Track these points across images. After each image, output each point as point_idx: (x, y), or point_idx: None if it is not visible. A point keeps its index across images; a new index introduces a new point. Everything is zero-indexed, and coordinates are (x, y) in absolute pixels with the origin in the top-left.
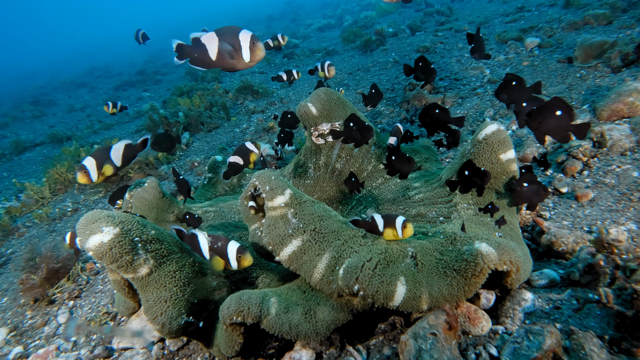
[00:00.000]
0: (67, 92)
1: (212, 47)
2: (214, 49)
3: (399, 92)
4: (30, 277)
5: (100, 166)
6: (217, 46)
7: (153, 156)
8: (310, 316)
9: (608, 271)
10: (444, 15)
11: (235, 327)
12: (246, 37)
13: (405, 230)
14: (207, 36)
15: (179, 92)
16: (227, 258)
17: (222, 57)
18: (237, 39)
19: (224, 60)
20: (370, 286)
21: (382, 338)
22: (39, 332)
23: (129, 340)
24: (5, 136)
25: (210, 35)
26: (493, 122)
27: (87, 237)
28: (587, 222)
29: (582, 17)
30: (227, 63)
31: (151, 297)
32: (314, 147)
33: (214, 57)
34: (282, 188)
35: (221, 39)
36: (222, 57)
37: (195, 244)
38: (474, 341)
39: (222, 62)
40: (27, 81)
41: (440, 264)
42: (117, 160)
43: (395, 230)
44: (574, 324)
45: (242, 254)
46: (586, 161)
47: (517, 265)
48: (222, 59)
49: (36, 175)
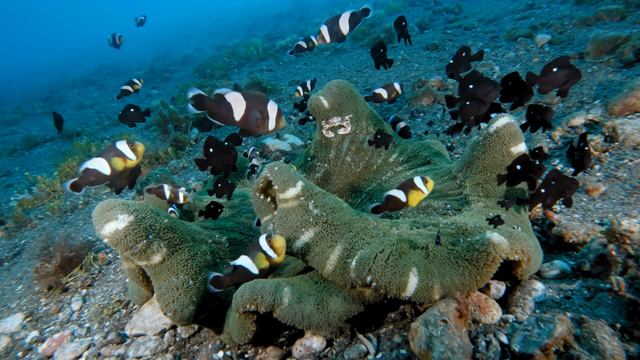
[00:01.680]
0: (77, 90)
1: (238, 109)
2: (240, 111)
3: (407, 89)
4: (44, 265)
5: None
6: (244, 110)
7: (163, 151)
8: (323, 307)
9: (620, 260)
10: (452, 13)
11: (248, 315)
12: (274, 109)
13: (428, 184)
14: (233, 97)
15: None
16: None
17: (247, 121)
18: (266, 109)
19: (249, 124)
20: (382, 277)
21: (392, 327)
22: (54, 318)
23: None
24: (17, 132)
25: (236, 96)
26: (504, 115)
27: (103, 224)
28: (599, 215)
29: (595, 13)
30: (251, 127)
31: (163, 285)
32: (324, 141)
33: (238, 119)
34: (294, 180)
35: (249, 105)
36: (248, 121)
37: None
38: (485, 329)
39: (246, 124)
40: (37, 79)
41: (452, 254)
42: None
43: (418, 190)
44: (585, 313)
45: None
46: (598, 155)
47: (529, 255)
48: (247, 123)
49: (47, 170)
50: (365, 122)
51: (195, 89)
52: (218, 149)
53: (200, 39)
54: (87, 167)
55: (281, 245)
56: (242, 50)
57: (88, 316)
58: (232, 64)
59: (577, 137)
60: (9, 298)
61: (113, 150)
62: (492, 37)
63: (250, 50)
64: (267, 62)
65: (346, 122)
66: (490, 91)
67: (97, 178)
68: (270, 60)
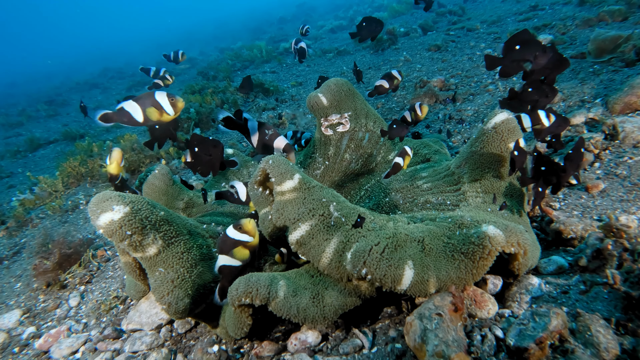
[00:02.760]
0: (81, 93)
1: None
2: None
3: (409, 89)
4: (43, 262)
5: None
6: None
7: (165, 151)
8: (318, 300)
9: (616, 254)
10: (456, 15)
11: (243, 308)
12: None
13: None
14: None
15: (190, 90)
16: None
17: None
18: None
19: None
20: (378, 270)
21: (388, 321)
22: (51, 315)
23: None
24: (21, 134)
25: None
26: (502, 111)
27: (98, 215)
28: (597, 212)
29: (597, 14)
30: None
31: (159, 277)
32: (324, 138)
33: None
34: (291, 173)
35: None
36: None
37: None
38: (480, 323)
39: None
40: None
41: (448, 247)
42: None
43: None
44: (581, 307)
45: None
46: (597, 153)
47: (525, 248)
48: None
49: (50, 171)
50: (365, 119)
51: (224, 112)
52: (203, 145)
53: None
54: (122, 107)
55: (253, 227)
56: (245, 53)
57: (85, 312)
58: (235, 66)
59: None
60: (8, 295)
61: (150, 99)
62: (494, 38)
63: (253, 53)
64: (270, 64)
65: (345, 119)
66: (539, 56)
67: (128, 121)
68: (273, 62)
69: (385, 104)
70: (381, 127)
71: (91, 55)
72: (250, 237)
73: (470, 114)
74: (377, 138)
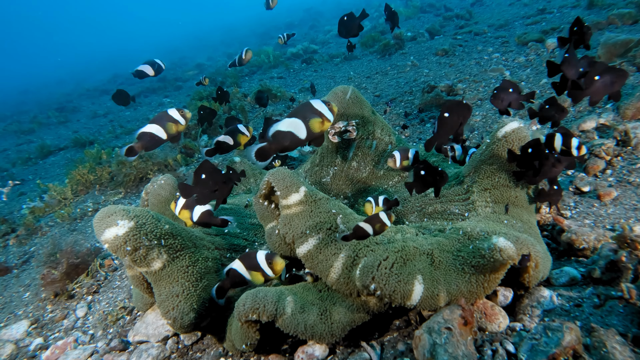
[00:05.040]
0: (91, 99)
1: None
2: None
3: (416, 94)
4: (51, 271)
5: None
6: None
7: (172, 158)
8: (326, 317)
9: (631, 267)
10: (463, 19)
11: (250, 324)
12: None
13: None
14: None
15: (198, 96)
16: (261, 269)
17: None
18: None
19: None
20: (387, 286)
21: (396, 334)
22: (59, 325)
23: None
24: (32, 141)
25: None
26: (513, 120)
27: (103, 230)
28: (610, 220)
29: (606, 17)
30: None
31: (164, 292)
32: (331, 146)
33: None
34: (297, 186)
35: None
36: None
37: (236, 274)
38: (491, 337)
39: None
40: (53, 88)
41: (458, 260)
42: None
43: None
44: (595, 321)
45: (272, 259)
46: (609, 160)
47: (536, 260)
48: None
49: (60, 178)
50: (372, 127)
51: (255, 146)
52: (213, 176)
53: (213, 47)
54: (143, 132)
55: (281, 269)
56: (253, 58)
57: (92, 323)
58: (243, 71)
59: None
60: (16, 305)
61: (166, 116)
62: (502, 42)
63: (261, 58)
64: (277, 69)
65: (352, 127)
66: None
67: (152, 141)
68: (280, 67)
69: (393, 109)
70: (389, 134)
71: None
72: (272, 274)
73: (478, 119)
74: (385, 145)
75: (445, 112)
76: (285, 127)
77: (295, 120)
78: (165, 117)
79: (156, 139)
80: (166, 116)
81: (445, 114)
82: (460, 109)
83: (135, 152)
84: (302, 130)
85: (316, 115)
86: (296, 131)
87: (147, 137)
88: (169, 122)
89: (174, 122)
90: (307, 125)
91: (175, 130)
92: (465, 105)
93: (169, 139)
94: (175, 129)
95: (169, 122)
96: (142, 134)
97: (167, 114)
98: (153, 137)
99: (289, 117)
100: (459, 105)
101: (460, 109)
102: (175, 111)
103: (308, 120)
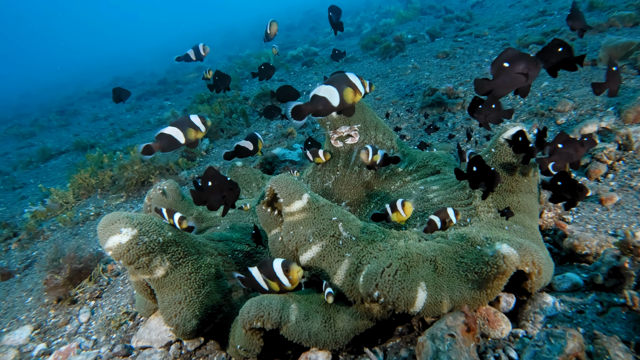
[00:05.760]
0: (92, 102)
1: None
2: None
3: (417, 97)
4: (54, 277)
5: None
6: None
7: (174, 162)
8: (330, 325)
9: (634, 274)
10: (463, 21)
11: (255, 331)
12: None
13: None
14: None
15: (199, 99)
16: (278, 279)
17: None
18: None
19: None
20: (390, 293)
21: (399, 340)
22: (62, 331)
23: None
24: (33, 144)
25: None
26: (515, 124)
27: (107, 237)
28: (612, 225)
29: (607, 19)
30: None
31: (166, 299)
32: (333, 150)
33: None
34: (300, 193)
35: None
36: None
37: (253, 280)
38: (493, 344)
39: (342, 105)
40: (54, 91)
41: (461, 267)
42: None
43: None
44: (598, 328)
45: (288, 267)
46: (611, 164)
47: (539, 267)
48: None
49: (61, 182)
50: (374, 131)
51: (292, 103)
52: (219, 184)
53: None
54: (163, 132)
55: (298, 277)
56: (253, 61)
57: (95, 328)
58: (243, 74)
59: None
60: (19, 310)
61: (188, 122)
62: (503, 44)
63: (261, 61)
64: (278, 72)
65: (354, 131)
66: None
67: (171, 143)
68: (281, 70)
69: (393, 112)
70: (390, 138)
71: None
72: (289, 283)
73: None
74: (387, 150)
75: (504, 61)
76: (321, 93)
77: (330, 88)
78: (187, 122)
79: (174, 142)
80: (188, 121)
81: (504, 63)
82: (527, 61)
83: (152, 152)
84: (335, 98)
85: (350, 86)
86: (330, 98)
87: (166, 139)
88: (189, 128)
89: (195, 128)
90: (340, 94)
91: (194, 136)
92: (533, 59)
93: (186, 143)
94: (194, 136)
95: (190, 127)
96: (162, 135)
97: (189, 120)
98: (172, 139)
99: (326, 84)
100: (524, 57)
101: (527, 62)
102: (197, 118)
103: (342, 90)
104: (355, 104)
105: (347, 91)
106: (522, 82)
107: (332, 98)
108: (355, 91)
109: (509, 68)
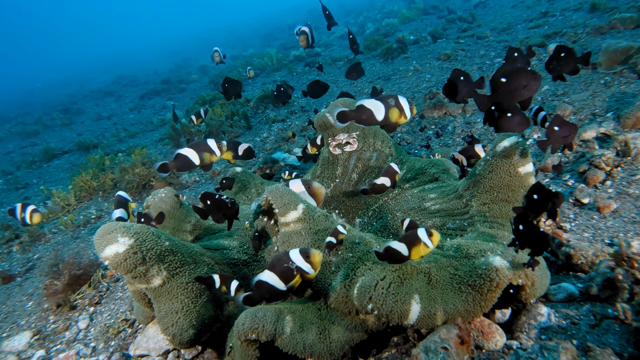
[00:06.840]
0: (95, 101)
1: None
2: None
3: (419, 100)
4: (53, 282)
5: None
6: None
7: None
8: (325, 336)
9: (627, 286)
10: (466, 22)
11: (250, 342)
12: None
13: (433, 237)
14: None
15: (201, 101)
16: (302, 270)
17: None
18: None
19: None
20: (384, 306)
21: (394, 351)
22: (61, 337)
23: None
24: (36, 144)
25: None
26: (512, 134)
27: (104, 247)
28: (609, 234)
29: (609, 21)
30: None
31: (163, 308)
32: (331, 158)
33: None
34: (295, 203)
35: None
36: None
37: (267, 286)
38: (488, 356)
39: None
40: (57, 89)
41: (455, 279)
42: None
43: (422, 245)
44: (592, 341)
45: (308, 253)
46: (609, 171)
47: (533, 279)
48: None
49: (64, 182)
50: (372, 139)
51: (339, 108)
52: (217, 205)
53: None
54: (179, 153)
55: (319, 261)
56: (256, 61)
57: (94, 335)
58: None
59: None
60: (19, 315)
61: (204, 145)
62: (504, 46)
63: (264, 61)
64: (280, 72)
65: (353, 138)
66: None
67: (185, 165)
68: (284, 70)
69: None
70: (389, 145)
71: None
72: (312, 269)
73: (480, 126)
74: (385, 157)
75: (501, 77)
76: (368, 105)
77: (378, 103)
78: (203, 145)
79: (190, 163)
80: (204, 145)
81: (501, 79)
82: (525, 76)
83: (168, 170)
84: (380, 114)
85: (397, 107)
86: (376, 112)
87: (183, 159)
88: (205, 152)
89: (210, 152)
90: (386, 112)
91: (209, 159)
92: (531, 73)
93: (200, 166)
94: (209, 159)
95: (206, 151)
96: (179, 155)
97: (206, 144)
98: (188, 160)
99: (376, 99)
100: (522, 72)
101: (524, 77)
102: (213, 142)
103: (389, 108)
104: (398, 124)
105: (393, 111)
106: (523, 96)
107: (378, 113)
108: (401, 114)
109: (507, 83)
